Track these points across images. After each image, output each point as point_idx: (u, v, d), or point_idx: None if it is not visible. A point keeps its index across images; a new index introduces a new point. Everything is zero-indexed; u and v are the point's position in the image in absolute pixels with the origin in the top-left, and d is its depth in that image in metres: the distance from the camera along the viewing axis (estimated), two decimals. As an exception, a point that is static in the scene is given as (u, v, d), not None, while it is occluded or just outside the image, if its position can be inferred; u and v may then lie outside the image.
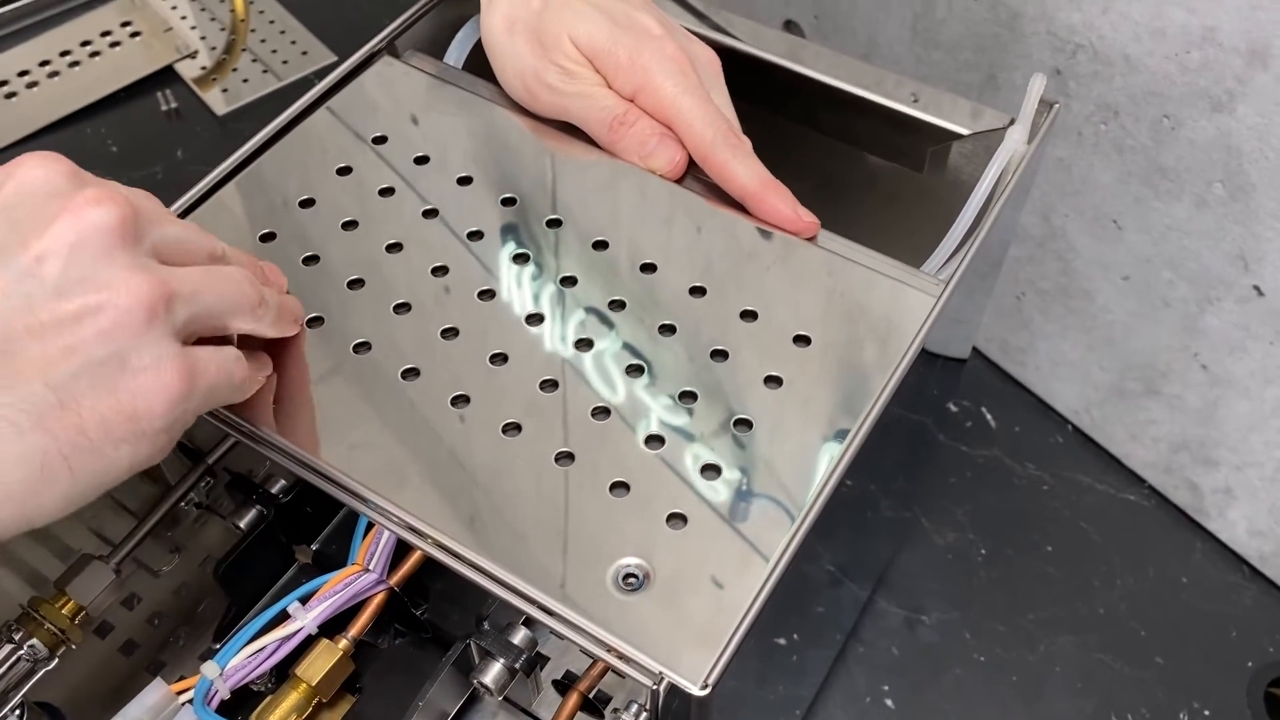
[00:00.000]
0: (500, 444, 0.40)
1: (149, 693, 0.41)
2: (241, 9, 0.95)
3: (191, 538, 0.49)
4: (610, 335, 0.43)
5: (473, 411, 0.41)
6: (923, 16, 0.66)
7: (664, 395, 0.41)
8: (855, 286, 0.44)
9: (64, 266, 0.32)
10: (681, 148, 0.46)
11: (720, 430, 0.40)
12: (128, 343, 0.32)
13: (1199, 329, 0.63)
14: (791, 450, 0.40)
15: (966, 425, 0.75)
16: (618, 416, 0.40)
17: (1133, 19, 0.56)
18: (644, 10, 0.48)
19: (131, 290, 0.33)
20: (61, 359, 0.32)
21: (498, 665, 0.41)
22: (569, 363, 0.42)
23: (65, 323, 0.32)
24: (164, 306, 0.33)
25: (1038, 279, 0.71)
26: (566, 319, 0.43)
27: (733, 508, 0.38)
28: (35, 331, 0.31)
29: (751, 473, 0.39)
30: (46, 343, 0.31)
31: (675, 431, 0.40)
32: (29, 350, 0.31)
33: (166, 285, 0.34)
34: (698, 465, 0.39)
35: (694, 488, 0.39)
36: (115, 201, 0.33)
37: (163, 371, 0.33)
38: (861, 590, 0.67)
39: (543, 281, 0.44)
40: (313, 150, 0.48)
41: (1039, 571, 0.69)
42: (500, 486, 0.39)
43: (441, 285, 0.44)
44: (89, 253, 0.32)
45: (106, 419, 0.32)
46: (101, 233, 0.33)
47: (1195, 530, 0.70)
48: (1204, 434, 0.67)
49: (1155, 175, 0.60)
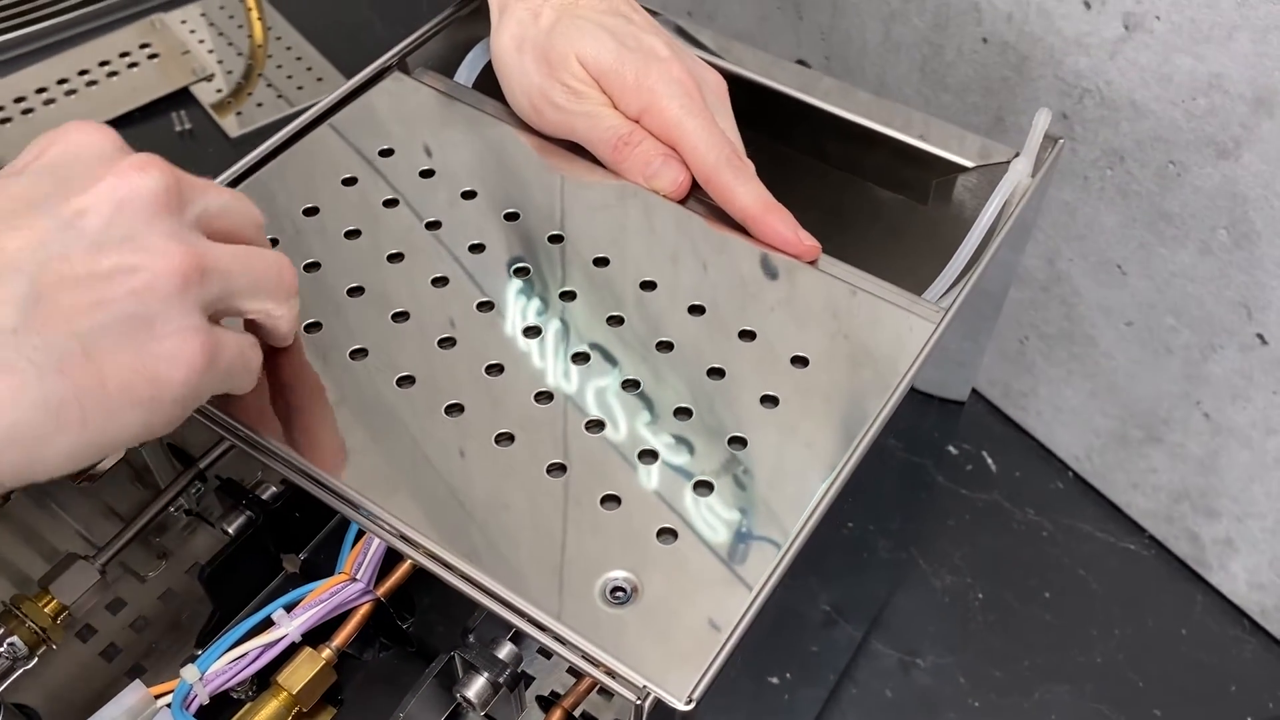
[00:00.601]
0: (493, 454, 0.39)
1: (127, 694, 0.40)
2: (260, 36, 0.96)
3: (180, 544, 0.49)
4: (606, 350, 0.42)
5: (466, 421, 0.40)
6: (932, 59, 0.67)
7: (659, 411, 0.41)
8: (855, 311, 0.44)
9: (105, 223, 0.32)
10: (685, 169, 0.47)
11: (714, 448, 0.40)
12: (157, 306, 0.32)
13: (1201, 377, 0.63)
14: (784, 470, 0.39)
15: (967, 468, 0.74)
16: (612, 430, 0.40)
17: (1140, 65, 0.57)
18: (652, 33, 0.48)
19: (168, 256, 0.33)
20: (90, 311, 0.31)
21: (481, 679, 0.40)
22: (565, 376, 0.42)
23: (99, 277, 0.32)
24: (198, 277, 0.33)
25: (1041, 323, 0.70)
26: (564, 333, 0.43)
27: (723, 525, 0.38)
28: (69, 281, 0.31)
29: (743, 491, 0.39)
30: (78, 294, 0.31)
31: (669, 447, 0.40)
32: (60, 299, 0.31)
33: (203, 258, 0.34)
34: (690, 481, 0.39)
35: (685, 503, 0.38)
36: (160, 169, 0.34)
37: (187, 340, 0.33)
38: (856, 630, 0.66)
39: (542, 296, 0.44)
40: (319, 160, 0.49)
41: (1036, 618, 0.68)
42: (492, 497, 0.38)
43: (440, 296, 0.44)
44: (131, 214, 0.33)
45: (127, 377, 0.32)
46: (145, 197, 0.33)
47: (1196, 581, 0.69)
48: (1205, 483, 0.66)
49: (1160, 221, 0.61)
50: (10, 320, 0.30)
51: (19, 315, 0.30)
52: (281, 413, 0.41)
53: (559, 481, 0.39)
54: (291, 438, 0.40)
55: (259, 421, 0.40)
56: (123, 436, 0.33)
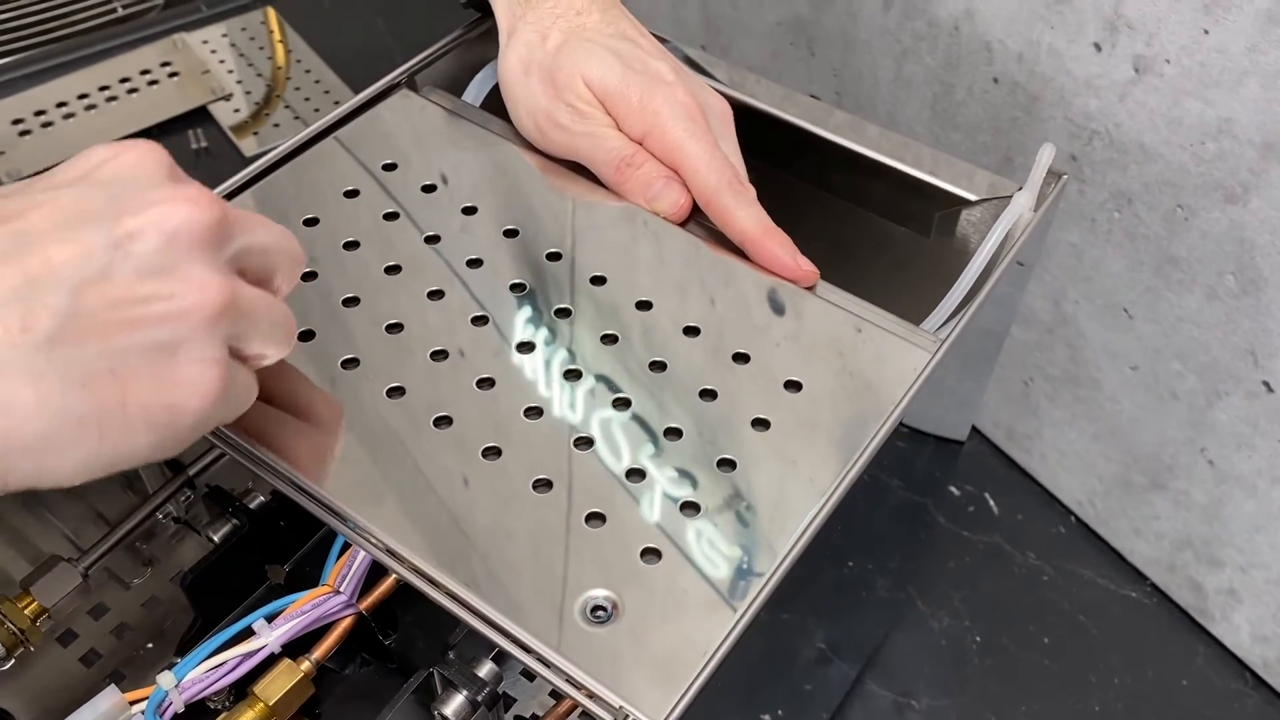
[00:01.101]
0: (480, 468, 0.39)
1: (102, 699, 0.40)
2: (281, 59, 0.97)
3: (166, 552, 0.48)
4: (600, 368, 0.42)
5: (455, 434, 0.40)
6: (942, 97, 0.67)
7: (649, 431, 0.40)
8: (851, 337, 0.44)
9: (153, 250, 0.32)
10: (686, 191, 0.47)
11: (703, 469, 0.39)
12: (185, 334, 0.33)
13: (1207, 423, 0.62)
14: (774, 495, 0.39)
15: (968, 510, 0.74)
16: (600, 448, 0.40)
17: (1150, 108, 0.57)
18: (658, 57, 0.48)
19: (206, 289, 0.33)
20: (123, 330, 0.32)
21: (459, 697, 0.40)
22: (556, 392, 0.41)
23: (136, 301, 0.32)
24: (229, 314, 0.34)
25: (1046, 365, 0.70)
26: (557, 349, 0.43)
27: (709, 547, 0.37)
28: (107, 301, 0.32)
29: (731, 514, 0.38)
30: (114, 313, 0.32)
31: (657, 467, 0.39)
32: (96, 316, 0.31)
33: (236, 295, 0.34)
34: (677, 502, 0.38)
35: (671, 524, 0.38)
36: (212, 204, 0.34)
37: (207, 370, 0.33)
38: (850, 669, 0.65)
39: (538, 312, 0.44)
40: (323, 172, 0.49)
41: (1035, 663, 0.67)
42: (476, 512, 0.38)
43: (435, 309, 0.44)
44: (178, 245, 0.33)
45: (147, 400, 0.32)
46: (194, 230, 0.33)
47: (1198, 632, 0.68)
48: (1209, 532, 0.65)
49: (1167, 265, 0.60)
50: (46, 330, 0.31)
51: (55, 327, 0.31)
52: (271, 421, 0.41)
53: (544, 497, 0.38)
54: (280, 447, 0.40)
55: (248, 429, 0.40)
56: (132, 457, 0.33)
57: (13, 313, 0.30)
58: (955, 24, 0.64)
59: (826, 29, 0.73)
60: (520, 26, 0.50)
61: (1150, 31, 0.54)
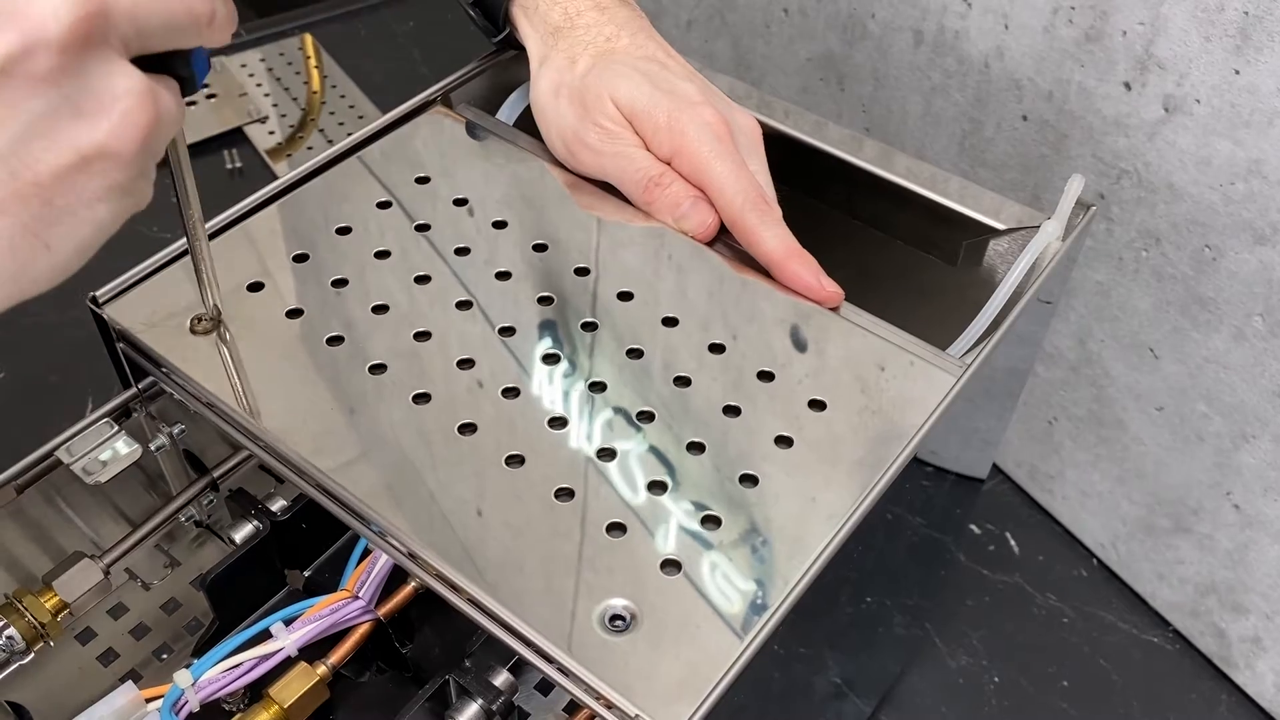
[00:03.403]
0: (502, 475, 0.39)
1: (118, 695, 0.40)
2: (317, 84, 0.99)
3: (188, 555, 0.48)
4: (624, 381, 0.42)
5: (479, 441, 0.40)
6: (971, 134, 0.67)
7: (672, 444, 0.40)
8: (876, 359, 0.44)
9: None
10: (713, 211, 0.47)
11: (725, 483, 0.39)
12: (69, 82, 0.28)
13: (1233, 466, 0.62)
14: (794, 511, 0.39)
15: (989, 549, 0.73)
16: (623, 459, 0.40)
17: (1179, 147, 0.57)
18: (686, 78, 0.49)
19: (53, 10, 0.27)
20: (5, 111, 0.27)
21: (474, 706, 0.40)
22: (581, 404, 0.42)
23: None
24: (100, 25, 0.28)
25: (1070, 404, 0.70)
26: (582, 361, 0.43)
27: (729, 560, 0.37)
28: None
29: (752, 528, 0.38)
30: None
31: (679, 479, 0.39)
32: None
33: (97, 2, 0.28)
34: (698, 515, 0.38)
35: (692, 537, 0.38)
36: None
37: (120, 104, 0.29)
38: (865, 706, 0.64)
39: (564, 325, 0.44)
40: (357, 183, 0.50)
41: (1053, 706, 0.66)
42: (498, 518, 0.38)
43: (463, 319, 0.44)
44: None
45: (71, 178, 0.28)
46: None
47: (1221, 680, 0.67)
48: (1234, 578, 0.64)
49: (1194, 305, 0.60)
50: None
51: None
52: (296, 423, 0.41)
53: (566, 506, 0.39)
54: (305, 449, 0.40)
55: (275, 431, 0.40)
56: (95, 235, 0.30)
57: None
58: (985, 61, 0.64)
59: (856, 65, 0.74)
60: (551, 54, 0.51)
61: (1181, 71, 0.54)
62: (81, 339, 0.78)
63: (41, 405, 0.75)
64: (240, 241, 0.47)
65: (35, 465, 0.43)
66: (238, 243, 0.47)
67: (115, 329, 0.44)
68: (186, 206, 0.40)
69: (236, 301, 0.44)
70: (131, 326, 0.43)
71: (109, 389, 0.54)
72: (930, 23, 0.66)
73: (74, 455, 0.42)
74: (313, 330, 0.44)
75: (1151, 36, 0.55)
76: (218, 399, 0.41)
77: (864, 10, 0.71)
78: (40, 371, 0.77)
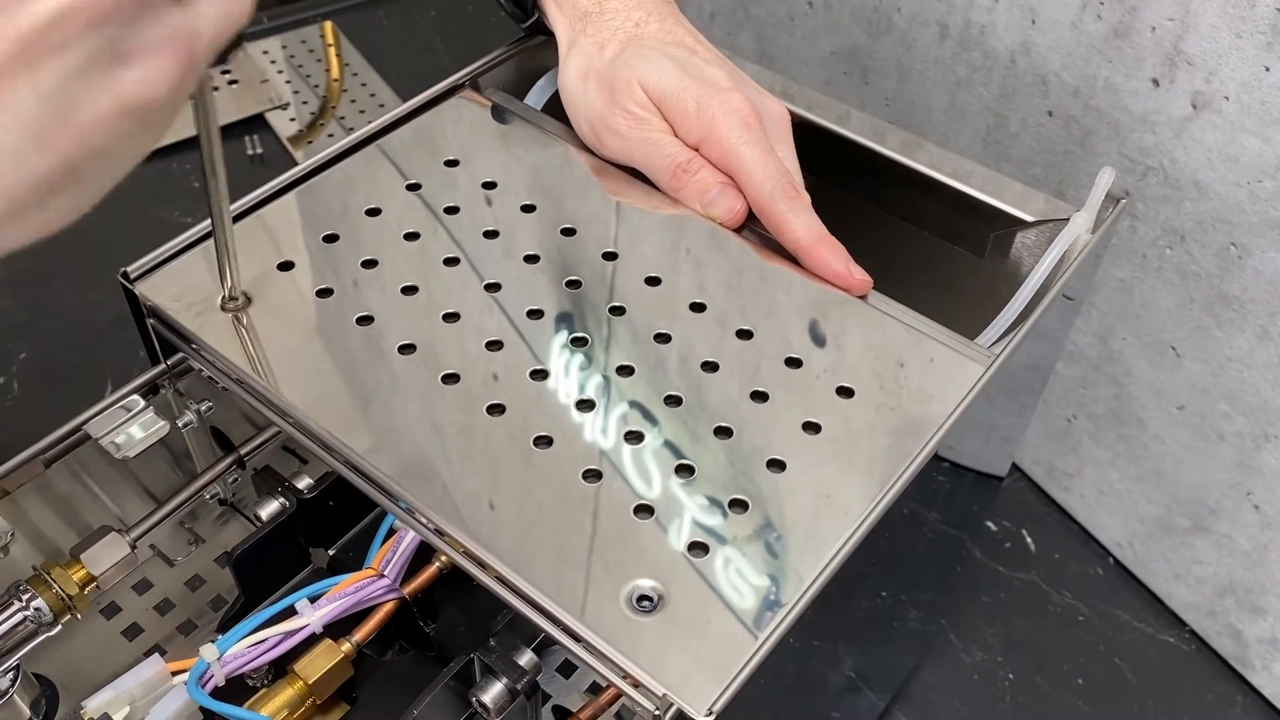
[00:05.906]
0: (531, 455, 0.39)
1: (144, 667, 0.40)
2: (337, 71, 0.99)
3: (212, 533, 0.49)
4: (652, 364, 0.42)
5: (507, 421, 0.40)
6: (996, 129, 0.67)
7: (699, 427, 0.41)
8: (904, 348, 0.44)
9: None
10: (741, 198, 0.47)
11: (752, 468, 0.39)
12: (117, 29, 0.28)
13: (1254, 466, 0.62)
14: (822, 494, 0.39)
15: (1005, 546, 0.73)
16: (650, 442, 0.40)
17: (1206, 145, 0.57)
18: (715, 64, 0.49)
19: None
20: (48, 63, 0.28)
21: (499, 685, 0.40)
22: (608, 386, 0.42)
23: (43, 23, 0.28)
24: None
25: (1090, 402, 0.69)
26: (610, 345, 0.43)
27: (757, 542, 0.37)
28: (12, 39, 0.27)
29: (779, 511, 0.38)
30: (28, 49, 0.28)
31: (707, 463, 0.39)
32: (11, 62, 0.28)
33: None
34: (726, 499, 0.38)
35: (719, 519, 0.38)
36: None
37: (161, 53, 0.29)
38: (879, 700, 0.64)
39: (592, 308, 0.44)
40: (388, 164, 0.50)
41: (1068, 704, 0.66)
42: (527, 497, 0.38)
43: (491, 300, 0.44)
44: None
45: (109, 120, 0.29)
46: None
47: (1237, 681, 0.67)
48: (1252, 579, 0.64)
49: (1218, 304, 0.60)
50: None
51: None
52: (325, 400, 0.41)
53: (594, 488, 0.39)
54: (335, 426, 0.40)
55: (304, 407, 0.40)
56: (121, 170, 0.31)
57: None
58: (1012, 56, 0.64)
59: (881, 59, 0.74)
60: (580, 39, 0.51)
61: (1210, 68, 0.54)
62: (101, 321, 0.79)
63: (62, 385, 0.76)
64: (264, 225, 0.47)
65: (63, 440, 0.43)
66: (261, 226, 0.47)
67: (146, 305, 0.44)
68: (215, 188, 0.40)
69: (266, 280, 0.44)
70: (163, 303, 0.43)
71: (129, 371, 0.54)
72: (956, 16, 0.66)
73: (102, 430, 0.43)
74: (342, 310, 0.44)
75: (1181, 32, 0.55)
76: (248, 375, 0.41)
77: (889, 3, 0.71)
78: (60, 352, 0.78)
